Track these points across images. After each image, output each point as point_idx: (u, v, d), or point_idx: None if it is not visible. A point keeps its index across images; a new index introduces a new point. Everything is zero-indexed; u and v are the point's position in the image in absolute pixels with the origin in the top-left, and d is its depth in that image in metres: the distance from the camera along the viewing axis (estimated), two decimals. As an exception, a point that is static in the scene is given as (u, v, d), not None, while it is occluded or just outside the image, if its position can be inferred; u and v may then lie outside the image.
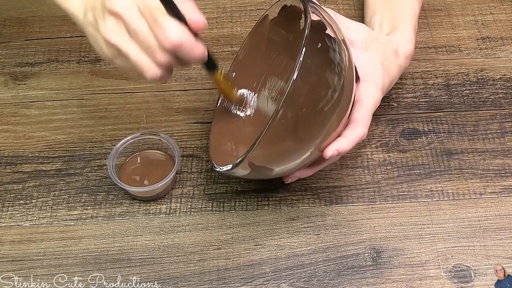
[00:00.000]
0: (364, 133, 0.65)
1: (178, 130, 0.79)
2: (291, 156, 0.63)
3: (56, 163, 0.76)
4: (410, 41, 0.76)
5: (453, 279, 0.66)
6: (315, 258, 0.68)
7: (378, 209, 0.72)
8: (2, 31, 0.90)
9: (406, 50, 0.75)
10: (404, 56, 0.75)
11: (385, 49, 0.72)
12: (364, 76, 0.69)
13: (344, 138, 0.64)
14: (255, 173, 0.66)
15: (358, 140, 0.65)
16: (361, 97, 0.67)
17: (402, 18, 0.78)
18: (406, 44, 0.75)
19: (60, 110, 0.81)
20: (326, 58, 0.61)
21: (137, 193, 0.72)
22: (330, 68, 0.61)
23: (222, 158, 0.68)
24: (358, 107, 0.66)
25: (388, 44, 0.73)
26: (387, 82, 0.72)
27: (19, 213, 0.72)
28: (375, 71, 0.70)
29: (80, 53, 0.87)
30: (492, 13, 0.91)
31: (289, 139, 0.61)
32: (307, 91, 0.59)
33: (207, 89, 0.82)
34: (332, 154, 0.63)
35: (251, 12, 0.92)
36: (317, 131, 0.61)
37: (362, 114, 0.66)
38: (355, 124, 0.65)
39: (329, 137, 0.63)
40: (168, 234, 0.70)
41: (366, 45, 0.70)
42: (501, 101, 0.81)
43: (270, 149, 0.61)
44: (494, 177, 0.74)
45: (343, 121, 0.64)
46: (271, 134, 0.58)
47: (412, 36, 0.77)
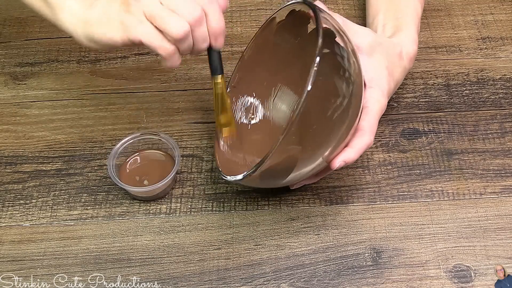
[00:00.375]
0: (370, 141, 0.65)
1: (178, 130, 0.79)
2: (302, 166, 0.63)
3: (56, 163, 0.76)
4: (413, 43, 0.76)
5: (453, 279, 0.66)
6: (315, 258, 0.68)
7: (378, 209, 0.72)
8: (2, 31, 0.90)
9: (410, 52, 0.75)
10: (408, 58, 0.75)
11: (389, 52, 0.72)
12: (369, 82, 0.69)
13: (351, 148, 0.64)
14: (263, 183, 0.66)
15: (365, 149, 0.65)
16: (367, 104, 0.67)
17: (405, 19, 0.78)
18: (410, 46, 0.75)
19: (60, 110, 0.81)
20: (337, 67, 0.61)
21: (137, 193, 0.72)
22: (341, 77, 0.61)
23: (230, 167, 0.68)
24: (364, 115, 0.66)
25: (393, 47, 0.73)
26: (392, 86, 0.72)
27: (19, 213, 0.72)
28: (380, 76, 0.70)
29: (80, 53, 0.87)
30: (492, 13, 0.91)
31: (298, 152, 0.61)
32: (320, 101, 0.59)
33: (207, 89, 0.82)
34: (339, 166, 0.64)
35: (251, 12, 0.92)
36: (329, 141, 0.61)
37: (368, 121, 0.66)
38: (361, 133, 0.65)
39: (339, 146, 0.63)
40: (168, 234, 0.70)
41: (371, 50, 0.70)
42: (501, 101, 0.81)
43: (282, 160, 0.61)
44: (494, 177, 0.74)
45: (352, 130, 0.64)
46: (284, 145, 0.58)
47: (416, 37, 0.77)
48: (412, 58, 0.76)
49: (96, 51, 0.87)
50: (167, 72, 0.84)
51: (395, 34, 0.76)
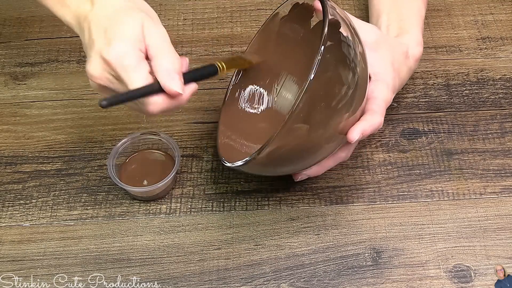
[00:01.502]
0: (381, 121, 0.65)
1: (178, 130, 0.79)
2: (303, 153, 0.63)
3: (56, 163, 0.76)
4: (419, 44, 0.76)
5: (453, 279, 0.66)
6: (315, 258, 0.68)
7: (378, 209, 0.72)
8: (2, 31, 0.90)
9: (415, 53, 0.75)
10: (414, 59, 0.75)
11: (395, 50, 0.72)
12: (375, 75, 0.68)
13: (365, 121, 0.63)
14: (265, 169, 0.66)
15: (376, 127, 0.64)
16: (373, 93, 0.66)
17: (410, 20, 0.78)
18: (415, 47, 0.75)
19: (60, 110, 0.81)
20: (342, 55, 0.60)
21: (137, 193, 0.72)
22: (345, 65, 0.60)
23: (231, 154, 0.68)
24: (372, 100, 0.66)
25: (399, 45, 0.73)
26: (397, 83, 0.72)
27: (19, 213, 0.72)
28: (386, 71, 0.70)
29: (80, 53, 0.87)
30: (492, 13, 0.91)
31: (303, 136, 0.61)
32: (323, 89, 0.59)
33: (207, 89, 0.82)
34: (358, 137, 0.62)
35: (251, 12, 0.92)
36: (331, 128, 0.61)
37: (378, 105, 0.65)
38: (371, 112, 0.64)
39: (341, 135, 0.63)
40: (168, 234, 0.70)
41: (377, 45, 0.70)
42: (501, 101, 0.81)
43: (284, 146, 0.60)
44: (494, 177, 0.74)
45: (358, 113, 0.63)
46: (286, 132, 0.58)
47: (420, 39, 0.77)
48: (418, 59, 0.76)
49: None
50: (167, 72, 0.84)
51: (399, 35, 0.76)
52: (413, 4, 0.80)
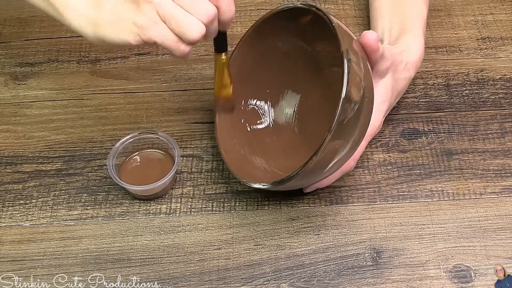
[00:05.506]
0: (351, 166, 0.71)
1: (178, 130, 0.79)
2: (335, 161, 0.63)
3: (56, 163, 0.76)
4: (420, 46, 0.76)
5: (453, 279, 0.66)
6: (315, 258, 0.68)
7: (378, 209, 0.72)
8: (2, 31, 0.90)
9: (416, 60, 0.75)
10: (414, 67, 0.75)
11: (397, 68, 0.72)
12: None
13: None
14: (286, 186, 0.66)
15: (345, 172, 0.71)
16: None
17: (411, 22, 0.77)
18: (415, 52, 0.75)
19: (60, 110, 0.81)
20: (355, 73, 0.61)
21: (137, 191, 0.72)
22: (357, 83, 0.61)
23: (248, 172, 0.69)
24: None
25: (399, 63, 0.72)
26: (392, 102, 0.74)
27: (19, 213, 0.72)
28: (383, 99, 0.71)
29: (80, 53, 0.87)
30: (492, 13, 0.91)
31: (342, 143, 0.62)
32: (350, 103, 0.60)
33: (207, 89, 0.82)
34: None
35: (251, 12, 0.92)
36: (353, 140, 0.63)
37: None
38: None
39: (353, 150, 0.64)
40: (168, 234, 0.70)
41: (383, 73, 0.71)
42: (501, 101, 0.81)
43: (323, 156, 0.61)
44: (494, 177, 0.74)
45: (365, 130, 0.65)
46: (331, 140, 0.59)
47: (422, 41, 0.76)
48: (418, 65, 0.76)
49: (96, 51, 0.87)
50: (167, 72, 0.84)
51: (400, 37, 0.75)
52: (415, 5, 0.80)
